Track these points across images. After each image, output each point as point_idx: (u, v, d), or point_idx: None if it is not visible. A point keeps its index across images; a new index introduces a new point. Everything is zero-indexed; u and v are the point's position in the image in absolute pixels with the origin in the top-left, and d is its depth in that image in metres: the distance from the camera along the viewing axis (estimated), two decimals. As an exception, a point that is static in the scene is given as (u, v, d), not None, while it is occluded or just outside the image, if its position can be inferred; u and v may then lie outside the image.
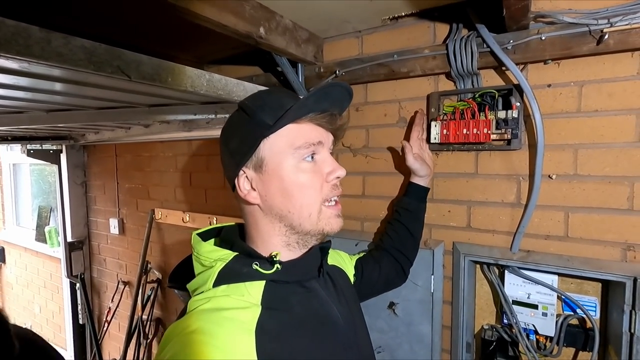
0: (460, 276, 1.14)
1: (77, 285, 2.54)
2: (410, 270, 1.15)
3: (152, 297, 2.20)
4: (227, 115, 1.22)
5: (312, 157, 0.64)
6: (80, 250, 2.63)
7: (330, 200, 0.65)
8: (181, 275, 1.09)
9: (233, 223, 0.74)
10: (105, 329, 2.54)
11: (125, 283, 2.46)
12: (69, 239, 2.58)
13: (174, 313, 2.21)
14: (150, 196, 2.22)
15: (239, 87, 0.93)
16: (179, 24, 1.17)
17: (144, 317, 2.19)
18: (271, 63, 1.32)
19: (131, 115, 1.28)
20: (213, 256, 0.61)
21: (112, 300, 2.48)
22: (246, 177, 0.63)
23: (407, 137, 1.17)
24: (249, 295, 0.58)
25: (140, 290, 2.18)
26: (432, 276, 1.16)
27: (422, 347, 1.20)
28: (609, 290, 1.01)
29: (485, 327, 1.17)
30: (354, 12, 1.12)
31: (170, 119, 1.36)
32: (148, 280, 2.21)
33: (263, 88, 1.07)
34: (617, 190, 0.92)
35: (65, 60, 0.59)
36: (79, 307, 2.57)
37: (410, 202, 1.06)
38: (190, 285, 0.64)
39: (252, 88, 1.01)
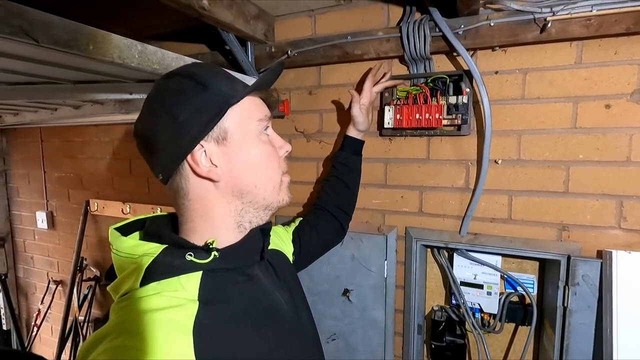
0: (412, 261, 1.15)
1: (-2, 287, 2.25)
2: (364, 257, 1.14)
3: (89, 296, 2.00)
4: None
5: (266, 130, 0.63)
6: (1, 248, 2.33)
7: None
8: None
9: (165, 213, 0.67)
10: (34, 334, 2.28)
11: (58, 282, 2.22)
12: (-14, 236, 2.27)
13: (116, 312, 2.05)
14: (84, 186, 2.00)
15: (178, 61, 0.83)
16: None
17: (80, 318, 2.00)
18: (218, 41, 1.22)
19: (53, 93, 1.11)
20: (137, 251, 0.53)
21: (42, 302, 2.23)
22: (204, 152, 0.56)
23: (359, 89, 1.08)
24: (184, 291, 0.52)
25: (75, 290, 1.97)
26: (386, 262, 1.17)
27: (375, 331, 1.21)
28: (545, 268, 1.08)
29: (435, 308, 1.21)
30: (306, -12, 1.06)
31: (102, 98, 1.21)
32: (84, 278, 2.01)
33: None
34: (554, 174, 0.97)
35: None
36: (1, 311, 2.29)
37: (348, 156, 1.06)
38: (111, 288, 0.56)
39: (195, 64, 0.91)
